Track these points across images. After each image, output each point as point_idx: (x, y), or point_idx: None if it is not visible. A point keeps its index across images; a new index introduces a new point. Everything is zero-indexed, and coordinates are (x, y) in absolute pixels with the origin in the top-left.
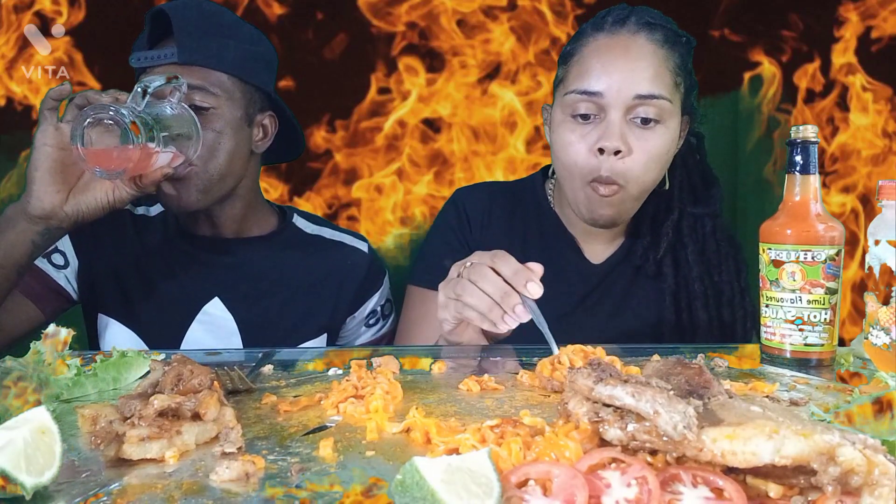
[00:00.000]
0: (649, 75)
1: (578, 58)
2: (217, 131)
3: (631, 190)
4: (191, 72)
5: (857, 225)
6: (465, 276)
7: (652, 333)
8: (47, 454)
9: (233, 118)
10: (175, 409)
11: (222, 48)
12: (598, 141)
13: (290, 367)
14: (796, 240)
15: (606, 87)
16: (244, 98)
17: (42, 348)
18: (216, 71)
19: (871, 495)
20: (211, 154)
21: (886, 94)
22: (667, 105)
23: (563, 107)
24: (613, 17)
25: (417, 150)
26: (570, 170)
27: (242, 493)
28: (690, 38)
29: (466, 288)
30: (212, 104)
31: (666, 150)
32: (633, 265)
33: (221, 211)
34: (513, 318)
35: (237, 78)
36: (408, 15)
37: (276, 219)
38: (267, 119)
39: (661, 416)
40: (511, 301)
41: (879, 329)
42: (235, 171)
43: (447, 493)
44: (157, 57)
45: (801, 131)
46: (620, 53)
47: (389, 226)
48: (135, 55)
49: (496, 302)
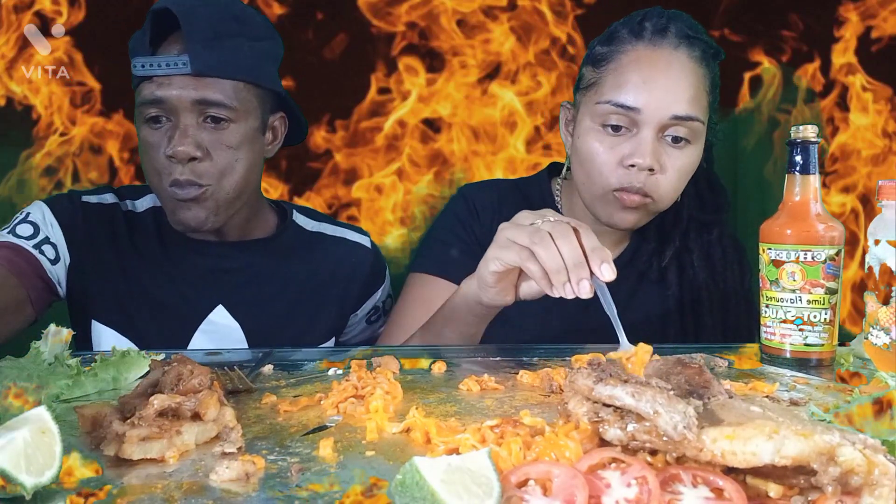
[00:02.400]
0: (688, 96)
1: (616, 66)
2: (234, 147)
3: (658, 204)
4: (204, 84)
5: (857, 225)
6: (546, 228)
7: (656, 336)
8: (47, 454)
9: (249, 130)
10: (175, 409)
11: (237, 51)
12: (629, 156)
13: (290, 367)
14: (796, 240)
15: (645, 104)
16: (260, 106)
17: (42, 348)
18: (231, 80)
19: (871, 495)
20: (227, 172)
21: (886, 94)
22: (699, 126)
23: (592, 115)
24: (653, 26)
25: (417, 150)
26: (595, 178)
27: (242, 493)
28: (720, 52)
29: (544, 239)
30: (228, 117)
31: (693, 168)
32: (638, 269)
33: (227, 219)
34: (575, 289)
35: (253, 84)
36: (408, 15)
37: (276, 217)
38: (278, 121)
39: (661, 416)
40: (582, 272)
41: (879, 329)
42: (251, 185)
43: (447, 493)
44: (165, 65)
45: (801, 131)
46: (662, 70)
47: (389, 226)
48: (138, 60)
49: (566, 266)
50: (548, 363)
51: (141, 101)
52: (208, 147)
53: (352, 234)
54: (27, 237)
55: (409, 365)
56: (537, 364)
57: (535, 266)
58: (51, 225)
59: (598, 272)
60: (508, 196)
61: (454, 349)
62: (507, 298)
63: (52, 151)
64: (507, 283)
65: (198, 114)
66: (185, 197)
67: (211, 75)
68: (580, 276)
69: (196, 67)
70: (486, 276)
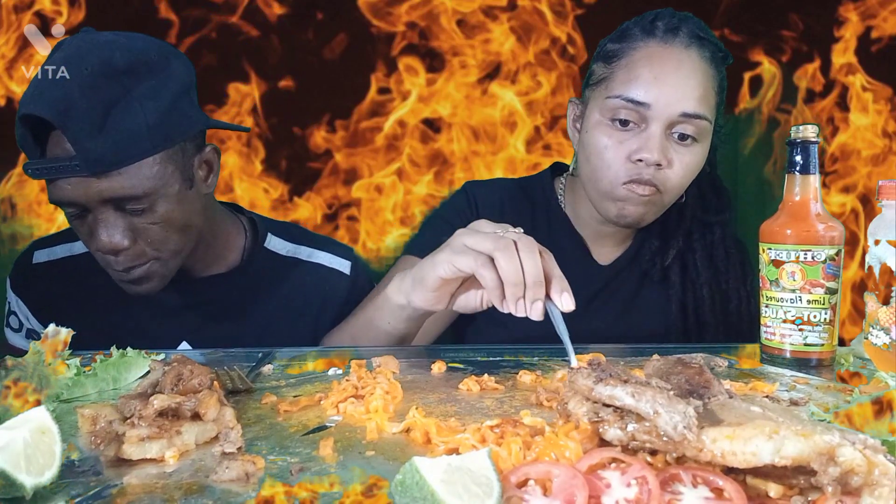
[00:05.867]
0: (698, 94)
1: (627, 62)
2: (164, 221)
3: (665, 198)
4: (108, 178)
5: (857, 225)
6: (511, 237)
7: (658, 336)
8: (47, 454)
9: (174, 195)
10: (175, 409)
11: (132, 125)
12: (637, 151)
13: (290, 368)
14: (796, 240)
15: (655, 100)
16: (178, 164)
17: (42, 348)
18: (138, 161)
19: (871, 495)
20: (163, 243)
21: (886, 94)
22: (706, 125)
23: (602, 109)
24: (665, 25)
25: (417, 150)
26: (602, 172)
27: (242, 493)
28: (728, 55)
29: (508, 248)
30: (146, 205)
31: (698, 167)
32: (641, 268)
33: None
34: (528, 308)
35: (164, 148)
36: (408, 15)
37: (245, 241)
38: (207, 155)
39: (661, 416)
40: (539, 292)
41: (879, 329)
42: (193, 232)
43: (447, 493)
44: (58, 169)
45: (801, 131)
46: (673, 67)
47: (389, 226)
48: (28, 165)
49: (525, 282)
50: (548, 363)
51: (51, 200)
52: (136, 231)
53: (330, 259)
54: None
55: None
56: (537, 364)
57: (490, 274)
58: (15, 300)
59: (557, 300)
60: (511, 196)
61: (454, 349)
62: (438, 306)
63: None
64: (444, 292)
65: (113, 206)
66: (131, 278)
67: (110, 170)
68: (536, 295)
69: (90, 168)
70: (429, 278)
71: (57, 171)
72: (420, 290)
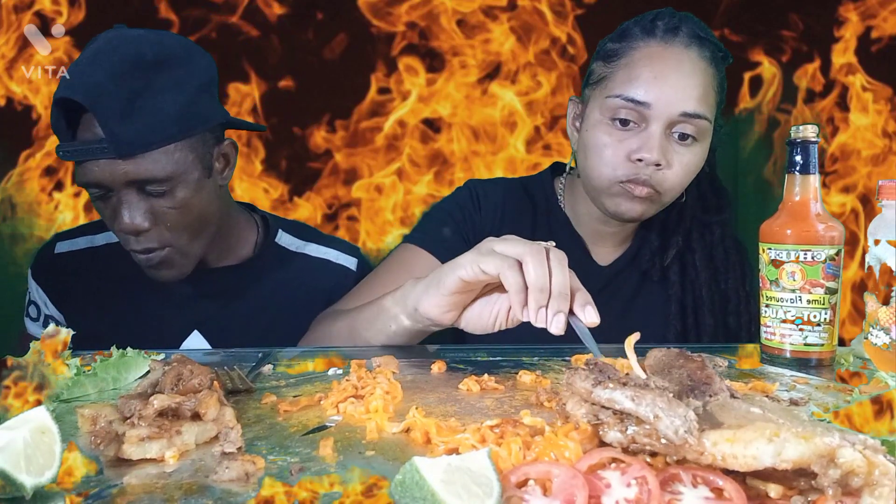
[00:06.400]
0: (698, 94)
1: (627, 61)
2: (182, 206)
3: (664, 197)
4: (134, 161)
5: (857, 225)
6: (543, 245)
7: (657, 335)
8: (47, 454)
9: (193, 182)
10: (175, 409)
11: (159, 114)
12: (637, 150)
13: (290, 368)
14: (796, 240)
15: (655, 99)
16: (198, 153)
17: (42, 348)
18: (162, 147)
19: (871, 496)
20: (182, 229)
21: (886, 94)
22: (706, 124)
23: (602, 108)
24: (665, 25)
25: (417, 150)
26: (601, 171)
27: (242, 493)
28: (728, 55)
29: (540, 254)
30: (167, 188)
31: (698, 166)
32: (640, 269)
33: (201, 255)
34: (549, 319)
35: (186, 136)
36: (408, 15)
37: (257, 236)
38: (225, 148)
39: (661, 420)
40: (562, 304)
41: (879, 329)
42: (213, 222)
43: (447, 493)
44: (88, 151)
45: (801, 131)
46: (673, 67)
47: (389, 226)
48: (60, 147)
49: (550, 293)
50: (548, 363)
51: (78, 182)
52: (156, 214)
53: (337, 256)
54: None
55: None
56: (537, 364)
57: (516, 277)
58: (35, 288)
59: (580, 313)
60: (513, 195)
61: (454, 349)
62: (446, 316)
63: (52, 151)
64: (458, 300)
65: (136, 188)
66: (150, 263)
67: (136, 153)
68: (560, 307)
69: (118, 151)
70: (448, 279)
71: (86, 153)
72: (433, 295)
